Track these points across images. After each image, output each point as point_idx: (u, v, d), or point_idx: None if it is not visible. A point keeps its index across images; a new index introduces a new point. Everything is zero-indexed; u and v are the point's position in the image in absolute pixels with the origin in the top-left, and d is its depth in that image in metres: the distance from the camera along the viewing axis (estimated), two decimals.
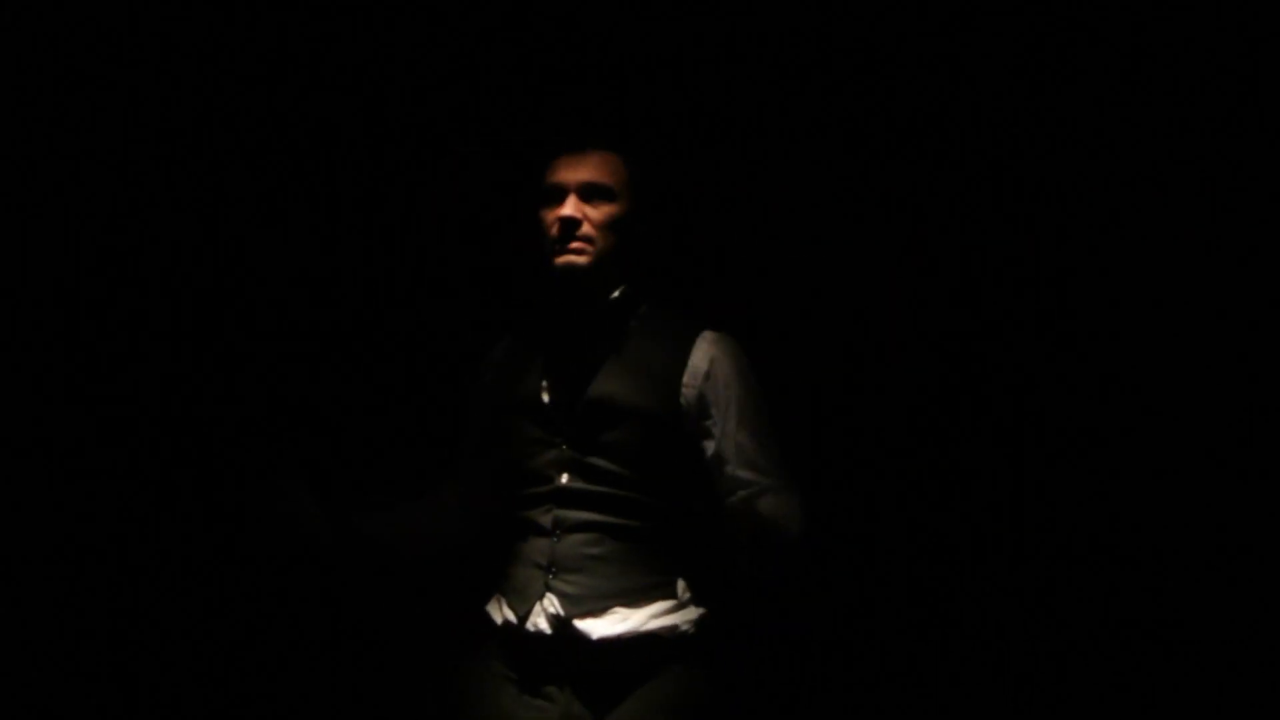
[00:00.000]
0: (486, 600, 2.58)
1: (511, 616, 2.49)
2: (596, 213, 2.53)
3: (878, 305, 3.12)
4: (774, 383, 2.61)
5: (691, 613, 2.48)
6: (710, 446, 2.50)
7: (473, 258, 3.29)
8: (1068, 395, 3.01)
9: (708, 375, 2.51)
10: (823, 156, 3.15)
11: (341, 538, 2.53)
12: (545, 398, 2.55)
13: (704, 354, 2.53)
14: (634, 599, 2.44)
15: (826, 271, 3.14)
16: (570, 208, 2.51)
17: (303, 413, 3.23)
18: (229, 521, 3.09)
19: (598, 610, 2.43)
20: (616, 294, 2.57)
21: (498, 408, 2.62)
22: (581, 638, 2.42)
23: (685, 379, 2.51)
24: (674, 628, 2.45)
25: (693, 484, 2.51)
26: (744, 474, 2.48)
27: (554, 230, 2.52)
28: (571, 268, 2.52)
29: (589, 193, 2.54)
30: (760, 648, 2.99)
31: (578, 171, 2.55)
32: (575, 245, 2.51)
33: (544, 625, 2.45)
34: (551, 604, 2.45)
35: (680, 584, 2.49)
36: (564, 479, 2.50)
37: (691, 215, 3.14)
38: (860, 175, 3.14)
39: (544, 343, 2.62)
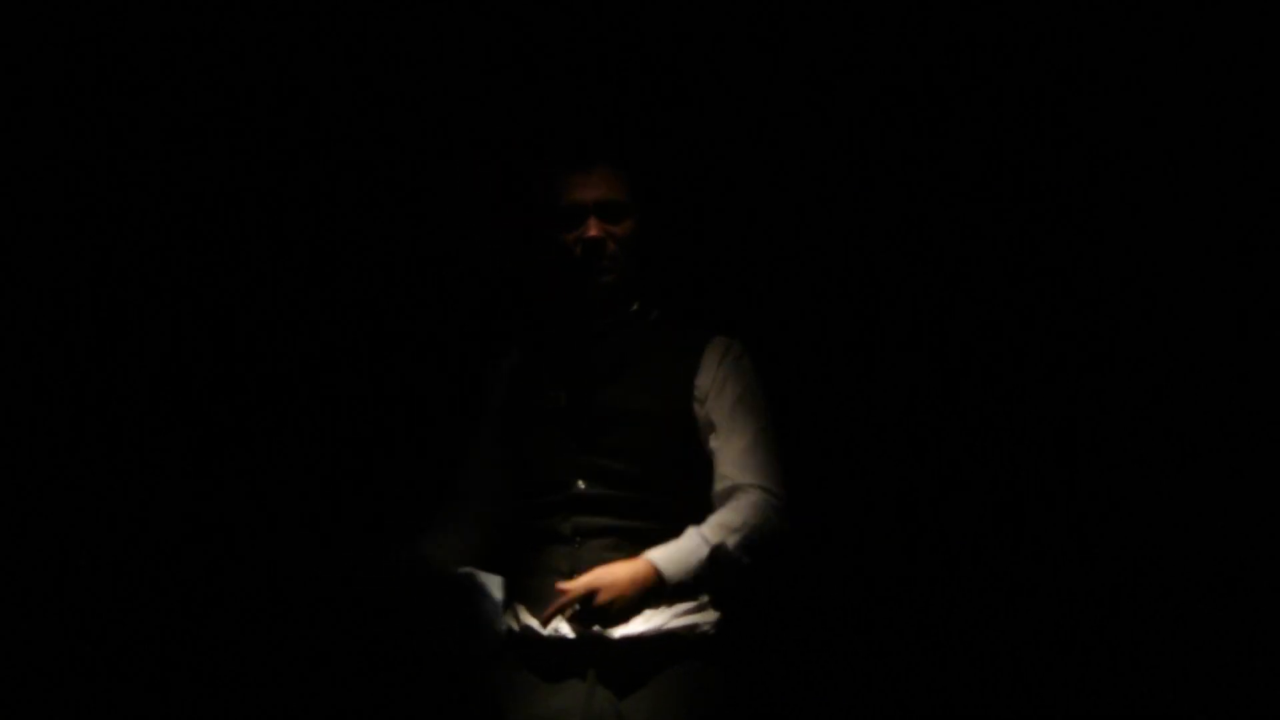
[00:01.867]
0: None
1: (533, 623, 2.51)
2: (618, 230, 2.58)
3: (879, 306, 3.17)
4: (777, 386, 2.66)
5: (710, 613, 2.52)
6: (711, 442, 2.54)
7: (470, 273, 3.32)
8: (1083, 401, 3.07)
9: (717, 378, 2.56)
10: (821, 155, 3.20)
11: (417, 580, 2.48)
12: (561, 405, 2.59)
13: (715, 358, 2.59)
14: None
15: (827, 274, 3.20)
16: (595, 229, 2.56)
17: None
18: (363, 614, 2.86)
19: None
20: (636, 306, 2.63)
21: (512, 417, 2.66)
22: (603, 639, 2.45)
23: (697, 383, 2.57)
24: (694, 627, 2.50)
25: (706, 486, 2.55)
26: (727, 469, 2.51)
27: (579, 252, 2.56)
28: (606, 289, 2.58)
29: (606, 210, 2.59)
30: (774, 649, 3.04)
31: (592, 190, 2.59)
32: (604, 264, 2.57)
33: (566, 630, 2.48)
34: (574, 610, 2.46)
35: None
36: (581, 485, 2.53)
37: (691, 222, 3.18)
38: (859, 174, 3.20)
39: (557, 353, 2.67)
